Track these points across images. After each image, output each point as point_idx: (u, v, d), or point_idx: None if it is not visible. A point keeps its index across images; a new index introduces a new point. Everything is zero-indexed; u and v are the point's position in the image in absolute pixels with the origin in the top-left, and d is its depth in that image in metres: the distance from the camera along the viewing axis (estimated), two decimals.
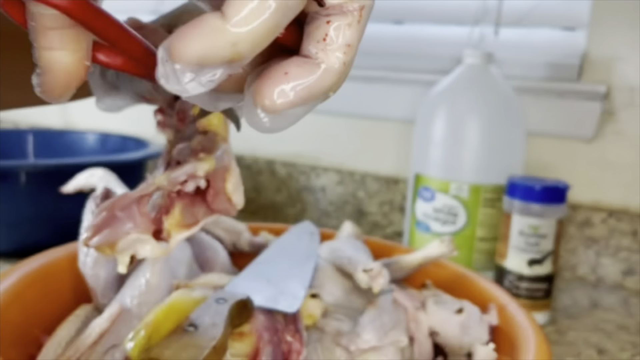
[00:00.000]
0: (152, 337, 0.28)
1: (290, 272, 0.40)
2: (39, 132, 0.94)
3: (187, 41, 0.16)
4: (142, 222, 0.25)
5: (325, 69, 0.18)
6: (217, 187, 0.27)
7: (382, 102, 0.82)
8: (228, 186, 0.27)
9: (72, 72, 0.19)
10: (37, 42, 0.18)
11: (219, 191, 0.27)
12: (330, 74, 0.18)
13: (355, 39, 0.18)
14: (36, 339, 0.36)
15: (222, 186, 0.27)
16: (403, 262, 0.43)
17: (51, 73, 0.19)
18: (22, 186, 0.64)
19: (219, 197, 0.27)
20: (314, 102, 0.18)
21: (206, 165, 0.26)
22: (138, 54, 0.20)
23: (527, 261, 0.55)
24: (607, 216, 0.71)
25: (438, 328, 0.38)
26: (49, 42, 0.18)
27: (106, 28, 0.18)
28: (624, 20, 0.68)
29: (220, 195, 0.27)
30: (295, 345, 0.33)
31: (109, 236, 0.25)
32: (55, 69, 0.19)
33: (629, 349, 0.54)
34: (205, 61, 0.16)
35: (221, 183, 0.27)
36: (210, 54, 0.16)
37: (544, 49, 0.74)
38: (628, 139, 0.70)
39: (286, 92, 0.17)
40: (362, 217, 0.86)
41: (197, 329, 0.28)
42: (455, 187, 0.62)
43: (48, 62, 0.19)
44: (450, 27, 0.80)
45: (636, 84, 0.68)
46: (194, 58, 0.16)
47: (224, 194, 0.27)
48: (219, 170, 0.27)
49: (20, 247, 0.65)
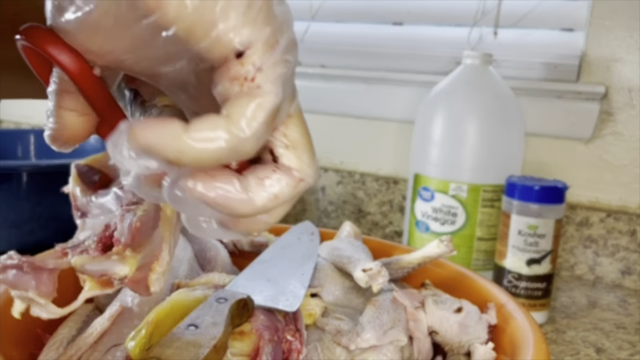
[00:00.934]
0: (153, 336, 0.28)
1: (290, 271, 0.40)
2: (41, 133, 0.94)
3: (147, 129, 0.18)
4: (46, 287, 0.26)
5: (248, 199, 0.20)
6: (137, 277, 0.26)
7: (381, 103, 0.82)
8: (151, 276, 0.27)
9: (78, 131, 0.23)
10: (55, 102, 0.22)
11: (138, 281, 0.26)
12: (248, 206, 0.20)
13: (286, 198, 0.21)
14: (37, 338, 0.36)
15: (144, 278, 0.26)
16: (402, 262, 0.43)
17: (60, 127, 0.23)
18: (24, 186, 0.64)
19: (136, 285, 0.26)
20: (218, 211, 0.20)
21: (125, 271, 0.25)
22: None
23: (526, 261, 0.55)
24: (605, 216, 0.71)
25: (437, 327, 0.38)
26: (64, 103, 0.22)
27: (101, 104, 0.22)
28: (622, 22, 0.68)
29: (138, 284, 0.26)
30: (295, 344, 0.33)
31: (11, 279, 0.25)
32: (64, 125, 0.23)
33: (627, 348, 0.54)
34: (150, 150, 0.18)
35: (142, 276, 0.26)
36: (158, 148, 0.18)
37: (542, 49, 0.74)
38: (626, 140, 0.70)
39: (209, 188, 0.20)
40: (362, 217, 0.86)
41: (198, 328, 0.28)
42: (455, 187, 0.62)
43: (60, 118, 0.23)
44: (449, 28, 0.80)
45: (634, 85, 0.69)
46: (143, 144, 0.18)
47: (143, 282, 0.26)
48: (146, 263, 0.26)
49: (21, 247, 0.65)
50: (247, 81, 0.19)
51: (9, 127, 1.18)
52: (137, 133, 0.18)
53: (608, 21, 0.69)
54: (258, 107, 0.19)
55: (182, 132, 0.18)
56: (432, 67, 0.79)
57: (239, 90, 0.19)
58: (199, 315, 0.29)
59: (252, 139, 0.19)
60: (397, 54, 0.81)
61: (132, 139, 0.18)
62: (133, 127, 0.18)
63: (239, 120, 0.19)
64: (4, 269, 0.26)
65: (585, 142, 0.72)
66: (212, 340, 0.28)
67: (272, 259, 0.42)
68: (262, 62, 0.19)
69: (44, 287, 0.26)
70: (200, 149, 0.19)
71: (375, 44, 0.83)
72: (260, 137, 0.19)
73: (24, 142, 0.92)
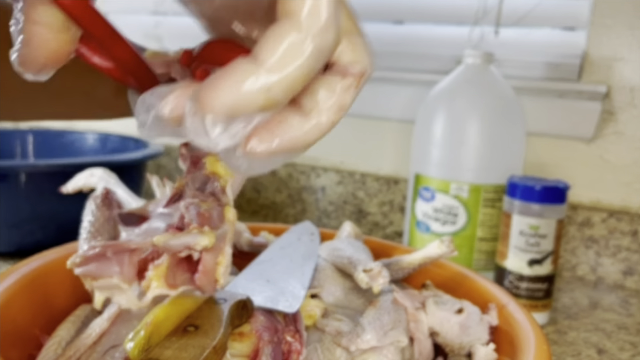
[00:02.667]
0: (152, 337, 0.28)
1: (290, 272, 0.40)
2: (39, 132, 0.94)
3: (217, 90, 0.15)
4: (128, 271, 0.25)
5: (315, 124, 0.17)
6: (207, 267, 0.26)
7: (382, 102, 0.82)
8: (219, 269, 0.27)
9: (52, 49, 0.18)
10: (26, 15, 0.18)
11: (209, 271, 0.27)
12: (317, 131, 0.18)
13: (349, 103, 0.18)
14: (36, 339, 0.36)
15: (213, 268, 0.27)
16: (403, 262, 0.43)
17: (32, 45, 0.18)
18: (22, 186, 0.64)
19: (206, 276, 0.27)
20: (294, 153, 0.18)
21: (206, 241, 0.26)
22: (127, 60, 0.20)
23: (527, 261, 0.55)
24: (607, 216, 0.71)
25: (438, 328, 0.38)
26: (37, 16, 0.18)
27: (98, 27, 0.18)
28: (624, 21, 0.68)
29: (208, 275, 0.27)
30: (295, 345, 0.33)
31: (93, 270, 0.25)
32: (36, 42, 0.18)
33: (628, 349, 0.54)
34: (237, 111, 0.15)
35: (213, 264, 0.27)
36: (243, 103, 0.15)
37: (544, 49, 0.74)
38: (628, 139, 0.70)
39: (269, 140, 0.17)
40: (362, 217, 0.86)
41: (197, 329, 0.28)
42: (456, 187, 0.62)
43: (31, 34, 0.18)
44: (450, 27, 0.80)
45: (636, 84, 0.68)
46: (225, 108, 0.15)
47: (212, 276, 0.27)
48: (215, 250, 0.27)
49: (20, 247, 0.65)
50: None
51: (7, 127, 1.18)
52: (210, 102, 0.15)
53: (610, 20, 0.69)
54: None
55: (257, 66, 0.15)
56: (432, 66, 0.79)
57: None
58: (199, 316, 0.29)
59: (331, 25, 0.15)
60: (398, 52, 0.81)
61: (210, 111, 0.15)
62: (201, 97, 0.15)
63: (301, 8, 0.15)
64: (86, 260, 0.25)
65: (587, 141, 0.72)
66: (211, 341, 0.27)
67: (272, 260, 0.42)
68: None
69: (126, 271, 0.25)
70: (287, 73, 0.15)
71: (375, 43, 0.82)
72: (336, 20, 0.16)
73: (22, 142, 0.92)
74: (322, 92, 0.17)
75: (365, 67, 0.18)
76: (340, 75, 0.17)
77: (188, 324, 0.29)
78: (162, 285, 0.25)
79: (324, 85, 0.17)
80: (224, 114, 0.15)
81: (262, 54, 0.15)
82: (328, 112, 0.17)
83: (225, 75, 0.15)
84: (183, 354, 0.26)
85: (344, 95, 0.17)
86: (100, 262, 0.25)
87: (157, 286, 0.25)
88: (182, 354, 0.26)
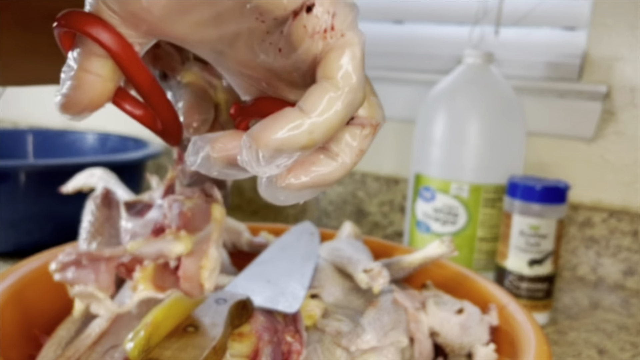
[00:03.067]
0: (152, 338, 0.28)
1: (290, 272, 0.39)
2: (39, 132, 0.94)
3: (270, 131, 0.19)
4: (104, 279, 0.25)
5: (340, 164, 0.21)
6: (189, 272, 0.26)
7: (382, 102, 0.82)
8: (203, 273, 0.27)
9: (97, 97, 0.21)
10: (80, 64, 0.21)
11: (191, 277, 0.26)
12: (342, 169, 0.21)
13: (367, 147, 0.22)
14: (36, 339, 0.36)
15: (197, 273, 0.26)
16: (403, 263, 0.43)
17: (80, 92, 0.21)
18: (22, 186, 0.64)
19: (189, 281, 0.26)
20: (322, 188, 0.21)
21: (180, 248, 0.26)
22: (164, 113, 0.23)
23: (528, 261, 0.55)
24: (607, 216, 0.71)
25: (438, 328, 0.38)
26: (91, 66, 0.21)
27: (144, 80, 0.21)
28: (624, 20, 0.68)
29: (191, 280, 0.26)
30: (295, 345, 0.33)
31: (70, 277, 0.25)
32: (85, 89, 0.21)
33: (629, 349, 0.54)
34: (284, 147, 0.19)
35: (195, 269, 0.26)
36: (289, 141, 0.19)
37: (544, 48, 0.74)
38: (628, 139, 0.70)
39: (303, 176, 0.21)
40: (362, 217, 0.86)
41: (197, 330, 0.28)
42: (456, 187, 0.62)
43: (82, 81, 0.21)
44: (450, 26, 0.79)
45: (636, 84, 0.68)
46: (275, 144, 0.19)
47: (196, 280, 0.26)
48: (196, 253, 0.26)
49: (20, 247, 0.65)
50: (329, 31, 0.19)
51: (6, 126, 1.17)
52: (264, 140, 0.19)
53: (610, 20, 0.69)
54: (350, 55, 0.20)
55: (303, 114, 0.19)
56: (433, 66, 0.79)
57: (324, 45, 0.19)
58: (198, 317, 0.29)
59: (360, 86, 0.20)
60: (398, 52, 0.81)
61: (264, 148, 0.19)
62: (257, 136, 0.19)
63: (337, 73, 0.19)
64: (63, 267, 0.25)
65: (587, 141, 0.72)
66: (211, 341, 0.27)
67: (272, 260, 0.42)
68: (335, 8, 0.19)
69: (102, 280, 0.25)
70: (326, 119, 0.19)
71: (375, 43, 0.82)
72: (363, 83, 0.20)
73: (22, 142, 0.92)
74: (347, 138, 0.21)
75: (379, 120, 0.22)
76: (360, 126, 0.21)
77: (188, 324, 0.29)
78: (150, 287, 0.25)
79: (348, 134, 0.21)
80: (273, 149, 0.19)
81: (307, 104, 0.19)
82: (351, 154, 0.21)
83: (276, 119, 0.19)
84: (183, 354, 0.26)
85: (363, 142, 0.21)
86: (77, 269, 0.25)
87: (144, 288, 0.25)
88: (181, 354, 0.26)
